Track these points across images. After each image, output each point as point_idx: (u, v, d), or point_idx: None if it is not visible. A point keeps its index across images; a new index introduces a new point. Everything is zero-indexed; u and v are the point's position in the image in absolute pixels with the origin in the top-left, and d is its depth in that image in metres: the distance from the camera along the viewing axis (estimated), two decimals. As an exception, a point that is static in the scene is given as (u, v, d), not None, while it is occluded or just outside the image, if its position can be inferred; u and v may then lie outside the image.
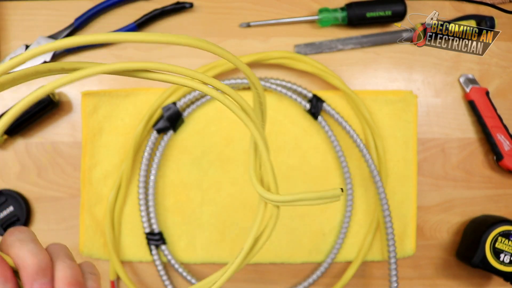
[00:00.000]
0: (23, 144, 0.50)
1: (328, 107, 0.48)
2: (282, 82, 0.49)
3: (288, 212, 0.49)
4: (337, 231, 0.50)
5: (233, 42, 0.51)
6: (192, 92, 0.48)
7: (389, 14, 0.50)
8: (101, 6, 0.49)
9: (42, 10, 0.50)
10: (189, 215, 0.49)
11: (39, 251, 0.22)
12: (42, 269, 0.21)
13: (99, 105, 0.48)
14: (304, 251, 0.50)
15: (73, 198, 0.50)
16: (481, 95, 0.51)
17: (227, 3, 0.51)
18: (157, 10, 0.49)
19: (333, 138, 0.49)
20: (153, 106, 0.48)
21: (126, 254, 0.49)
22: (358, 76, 0.52)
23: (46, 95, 0.23)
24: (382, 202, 0.47)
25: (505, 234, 0.47)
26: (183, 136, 0.49)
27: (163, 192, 0.49)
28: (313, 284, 0.50)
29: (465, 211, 0.52)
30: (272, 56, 0.49)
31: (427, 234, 0.52)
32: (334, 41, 0.51)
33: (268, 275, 0.51)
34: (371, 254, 0.50)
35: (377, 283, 0.51)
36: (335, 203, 0.49)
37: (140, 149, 0.49)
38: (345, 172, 0.49)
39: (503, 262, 0.47)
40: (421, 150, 0.52)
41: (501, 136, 0.51)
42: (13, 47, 0.50)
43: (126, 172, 0.48)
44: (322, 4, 0.51)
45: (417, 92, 0.52)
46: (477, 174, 0.52)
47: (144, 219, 0.48)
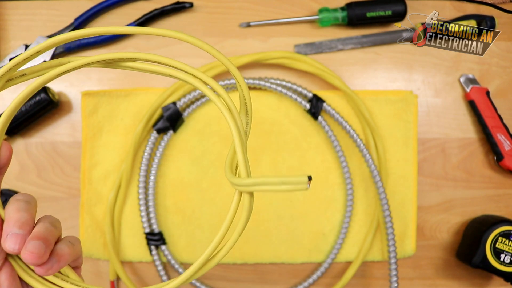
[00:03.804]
0: (22, 144, 0.49)
1: (328, 107, 0.48)
2: (282, 82, 0.49)
3: (288, 212, 0.49)
4: (337, 231, 0.50)
5: (233, 42, 0.51)
6: (192, 92, 0.48)
7: (389, 14, 0.50)
8: (100, 6, 0.49)
9: (41, 10, 0.50)
10: (189, 215, 0.49)
11: (24, 210, 0.24)
12: (21, 223, 0.24)
13: (99, 105, 0.48)
14: (304, 251, 0.49)
15: (73, 198, 0.50)
16: (482, 95, 0.51)
17: (227, 3, 0.51)
18: (156, 10, 0.49)
19: (333, 138, 0.49)
20: (153, 106, 0.48)
21: (126, 254, 0.49)
22: (358, 76, 0.52)
23: (39, 87, 0.25)
24: (382, 202, 0.47)
25: (505, 234, 0.47)
26: (183, 136, 0.49)
27: (163, 192, 0.49)
28: (313, 284, 0.50)
29: (465, 211, 0.52)
30: (272, 56, 0.49)
31: (427, 234, 0.52)
32: (334, 41, 0.51)
33: (268, 275, 0.51)
34: (371, 254, 0.50)
35: (377, 283, 0.51)
36: (336, 203, 0.50)
37: (140, 149, 0.49)
38: (345, 172, 0.49)
39: (503, 262, 0.47)
40: (421, 150, 0.52)
41: (501, 136, 0.51)
42: (12, 47, 0.50)
43: (126, 172, 0.47)
44: (322, 4, 0.51)
45: (417, 92, 0.52)
46: (477, 174, 0.52)
47: (144, 219, 0.48)
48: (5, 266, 0.25)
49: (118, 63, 0.26)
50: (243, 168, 0.23)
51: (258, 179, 0.22)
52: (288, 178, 0.21)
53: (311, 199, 0.50)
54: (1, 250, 0.24)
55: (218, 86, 0.25)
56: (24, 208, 0.25)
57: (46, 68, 0.26)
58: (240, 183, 0.23)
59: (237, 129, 0.24)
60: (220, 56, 0.25)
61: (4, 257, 0.25)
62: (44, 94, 0.46)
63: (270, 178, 0.21)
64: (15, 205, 0.25)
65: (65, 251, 0.25)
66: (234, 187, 0.24)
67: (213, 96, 0.25)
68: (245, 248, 0.49)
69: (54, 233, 0.25)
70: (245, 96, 0.26)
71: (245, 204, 0.24)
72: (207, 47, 0.25)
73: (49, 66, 0.26)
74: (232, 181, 0.23)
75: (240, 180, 0.23)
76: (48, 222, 0.25)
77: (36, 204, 0.26)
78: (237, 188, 0.23)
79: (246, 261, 0.49)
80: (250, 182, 0.22)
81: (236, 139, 0.23)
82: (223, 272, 0.51)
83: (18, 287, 0.25)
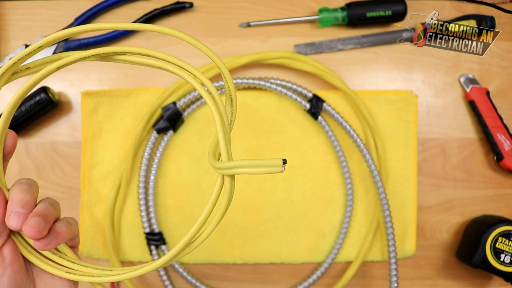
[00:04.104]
0: (22, 144, 0.49)
1: (328, 107, 0.48)
2: (282, 82, 0.49)
3: (288, 212, 0.49)
4: (337, 231, 0.50)
5: (233, 42, 0.51)
6: (192, 92, 0.48)
7: (389, 14, 0.50)
8: (100, 6, 0.49)
9: (41, 10, 0.50)
10: (189, 215, 0.49)
11: (27, 192, 0.27)
12: (23, 203, 0.26)
13: (99, 105, 0.48)
14: (304, 251, 0.49)
15: (73, 198, 0.50)
16: (482, 95, 0.51)
17: (227, 3, 0.51)
18: (156, 10, 0.49)
19: (333, 138, 0.49)
20: (153, 106, 0.48)
21: (126, 254, 0.49)
22: (358, 76, 0.52)
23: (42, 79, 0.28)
24: (382, 202, 0.47)
25: (505, 234, 0.47)
26: (183, 136, 0.49)
27: (163, 192, 0.49)
28: (313, 284, 0.50)
29: (465, 211, 0.52)
30: (272, 56, 0.49)
31: (427, 234, 0.52)
32: (334, 41, 0.51)
33: (268, 275, 0.51)
34: (371, 254, 0.50)
35: (377, 283, 0.51)
36: (336, 203, 0.50)
37: (140, 149, 0.49)
38: (345, 172, 0.49)
39: (503, 262, 0.47)
40: (421, 150, 0.52)
41: (501, 136, 0.51)
42: (12, 47, 0.50)
43: (126, 172, 0.47)
44: (322, 4, 0.51)
45: (417, 92, 0.52)
46: (477, 174, 0.52)
47: (144, 219, 0.48)
48: (8, 242, 0.27)
49: (112, 57, 0.28)
50: (224, 152, 0.24)
51: (236, 162, 0.23)
52: (264, 161, 0.22)
53: (311, 199, 0.50)
54: (5, 227, 0.27)
55: (203, 76, 0.27)
56: (27, 190, 0.27)
57: (48, 62, 0.28)
58: (220, 166, 0.24)
59: (219, 115, 0.25)
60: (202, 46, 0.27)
61: (8, 234, 0.27)
62: (44, 94, 0.46)
63: (248, 161, 0.23)
64: (18, 187, 0.27)
65: (63, 229, 0.27)
66: (215, 171, 0.25)
67: (198, 85, 0.26)
68: (245, 248, 0.49)
69: (53, 212, 0.27)
70: (230, 86, 0.28)
71: (226, 186, 0.25)
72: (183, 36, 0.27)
73: (50, 61, 0.28)
74: (213, 165, 0.25)
75: (220, 164, 0.24)
76: (48, 203, 0.28)
77: (37, 188, 0.29)
78: (218, 171, 0.25)
79: (246, 261, 0.49)
80: (229, 165, 0.24)
81: (218, 124, 0.25)
82: (223, 272, 0.51)
83: (20, 261, 0.28)
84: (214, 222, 0.26)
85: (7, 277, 0.27)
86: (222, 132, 0.25)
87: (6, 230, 0.27)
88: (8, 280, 0.27)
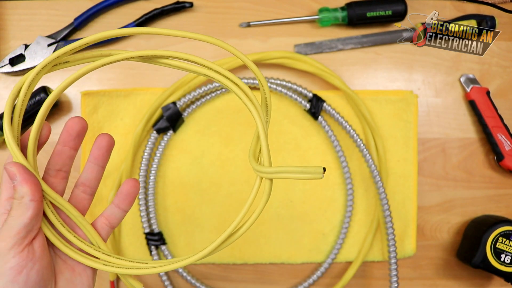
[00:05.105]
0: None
1: (329, 107, 0.48)
2: (282, 82, 0.49)
3: (288, 212, 0.49)
4: (337, 231, 0.50)
5: (233, 42, 0.51)
6: (192, 92, 0.48)
7: (389, 13, 0.50)
8: (100, 6, 0.49)
9: (41, 10, 0.50)
10: (188, 215, 0.49)
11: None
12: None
13: (99, 105, 0.48)
14: (304, 251, 0.49)
15: (72, 198, 0.49)
16: (482, 95, 0.51)
17: (227, 3, 0.51)
18: (156, 9, 0.49)
19: (333, 138, 0.49)
20: (153, 106, 0.48)
21: (126, 254, 0.49)
22: (358, 76, 0.52)
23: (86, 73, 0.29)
24: (382, 202, 0.47)
25: (505, 234, 0.47)
26: (183, 136, 0.49)
27: (163, 192, 0.49)
28: (313, 284, 0.50)
29: (465, 211, 0.52)
30: (272, 56, 0.49)
31: (427, 234, 0.52)
32: (334, 41, 0.51)
33: (268, 275, 0.51)
34: (371, 254, 0.50)
35: (378, 283, 0.51)
36: (336, 203, 0.50)
37: (140, 149, 0.49)
38: (345, 172, 0.49)
39: (503, 262, 0.47)
40: (421, 150, 0.51)
41: (501, 136, 0.50)
42: (12, 47, 0.50)
43: (126, 172, 0.47)
44: (322, 4, 0.51)
45: (417, 92, 0.52)
46: (478, 174, 0.52)
47: (144, 219, 0.48)
48: (39, 236, 0.29)
49: (156, 60, 0.29)
50: (266, 157, 0.27)
51: (281, 168, 0.25)
52: (306, 168, 0.24)
53: (311, 199, 0.50)
54: (37, 221, 0.28)
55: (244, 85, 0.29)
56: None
57: (88, 57, 0.29)
58: (264, 171, 0.26)
59: (260, 120, 0.27)
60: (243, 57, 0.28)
61: (39, 227, 0.29)
62: (44, 94, 0.46)
63: (291, 167, 0.25)
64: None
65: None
66: (257, 174, 0.27)
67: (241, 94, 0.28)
68: (245, 248, 0.49)
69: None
70: (265, 91, 0.30)
71: (266, 188, 0.27)
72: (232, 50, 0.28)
73: (91, 56, 0.29)
74: (256, 169, 0.27)
75: (264, 168, 0.26)
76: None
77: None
78: (261, 175, 0.27)
79: (246, 261, 0.49)
80: (273, 170, 0.26)
81: (260, 129, 0.27)
82: (223, 272, 0.51)
83: (48, 256, 0.29)
84: (253, 217, 0.28)
85: (36, 271, 0.27)
86: (264, 135, 0.27)
87: (38, 224, 0.28)
88: (37, 274, 0.27)
